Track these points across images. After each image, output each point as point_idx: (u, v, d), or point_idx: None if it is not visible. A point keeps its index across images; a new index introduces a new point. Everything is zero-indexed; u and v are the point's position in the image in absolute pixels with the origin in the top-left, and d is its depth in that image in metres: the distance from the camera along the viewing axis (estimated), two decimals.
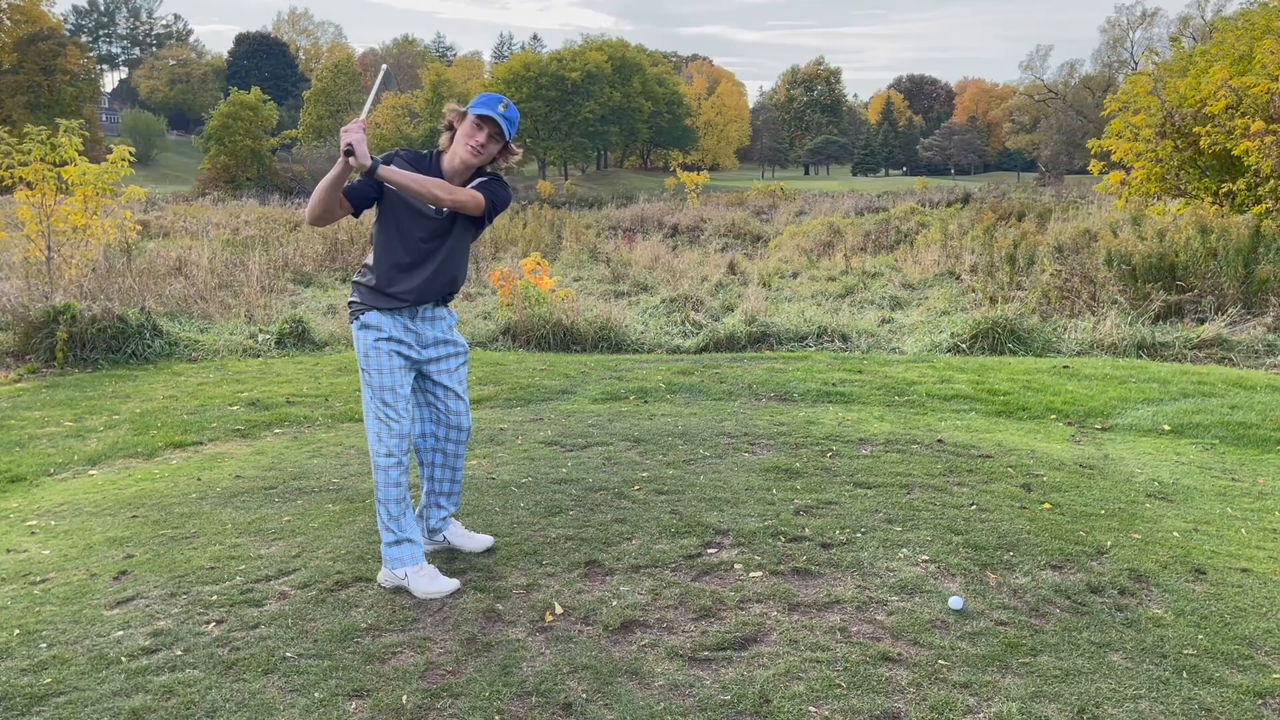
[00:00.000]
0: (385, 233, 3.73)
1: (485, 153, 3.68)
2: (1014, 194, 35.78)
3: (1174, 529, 4.50)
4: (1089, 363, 8.88)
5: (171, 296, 12.15)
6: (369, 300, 3.74)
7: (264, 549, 4.26)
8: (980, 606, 3.62)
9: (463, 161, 3.67)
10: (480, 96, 3.70)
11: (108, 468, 5.99)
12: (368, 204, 3.69)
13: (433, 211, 3.69)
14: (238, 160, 60.20)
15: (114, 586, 3.88)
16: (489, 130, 3.65)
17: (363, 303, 3.76)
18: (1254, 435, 6.36)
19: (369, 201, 3.68)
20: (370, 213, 3.81)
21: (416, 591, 3.71)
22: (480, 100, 3.67)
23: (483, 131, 3.64)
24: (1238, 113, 14.50)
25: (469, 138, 3.64)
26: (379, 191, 3.67)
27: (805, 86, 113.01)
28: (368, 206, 3.71)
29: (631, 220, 32.35)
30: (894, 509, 4.70)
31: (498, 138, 3.68)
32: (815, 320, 11.18)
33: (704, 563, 4.03)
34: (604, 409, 7.22)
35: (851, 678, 3.10)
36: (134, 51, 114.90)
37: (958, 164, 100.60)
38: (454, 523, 4.23)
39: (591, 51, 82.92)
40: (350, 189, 3.60)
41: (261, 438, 6.64)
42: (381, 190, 3.67)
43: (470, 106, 3.68)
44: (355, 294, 3.81)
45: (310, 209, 3.57)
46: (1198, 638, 3.40)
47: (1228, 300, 10.92)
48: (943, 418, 6.95)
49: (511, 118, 3.69)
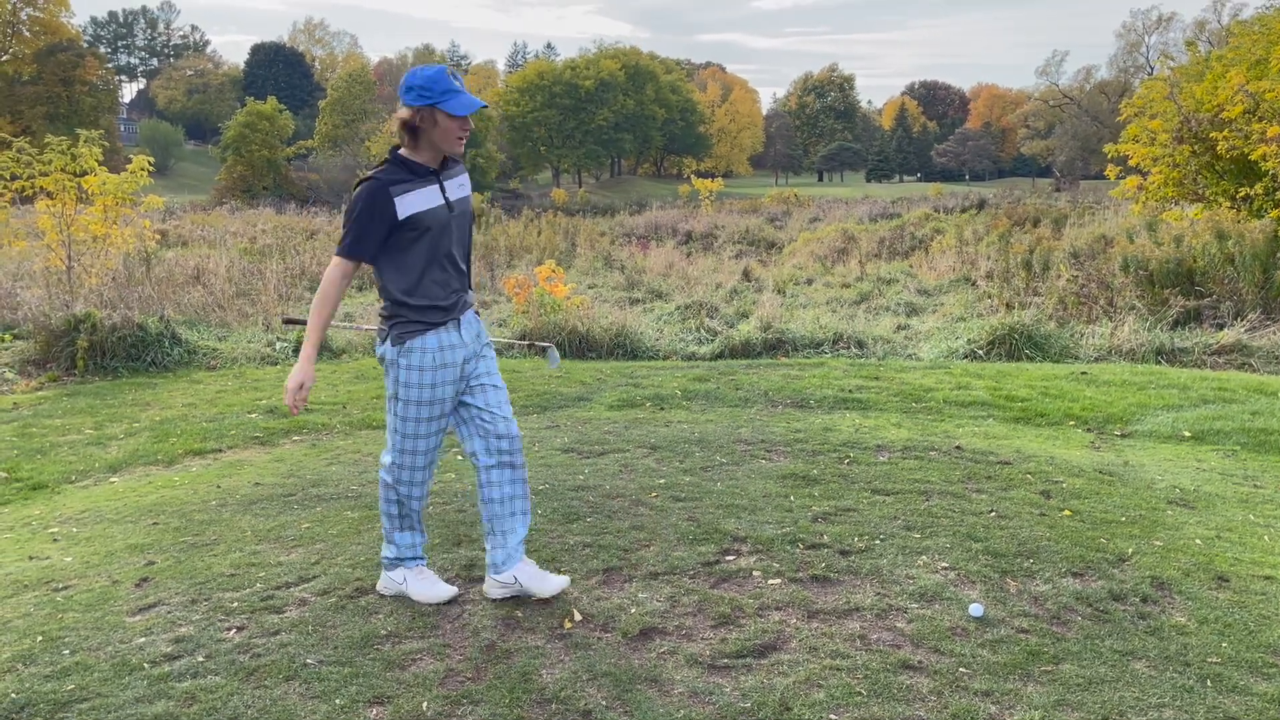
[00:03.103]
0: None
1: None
2: (1029, 199, 35.66)
3: (1196, 536, 4.47)
4: (1107, 368, 8.83)
5: (190, 305, 12.23)
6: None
7: (284, 556, 4.28)
8: (1001, 614, 3.60)
9: (452, 153, 3.48)
10: (439, 83, 3.36)
11: (128, 475, 6.04)
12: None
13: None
14: (254, 170, 60.61)
15: (136, 593, 3.91)
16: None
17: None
18: (1276, 441, 6.30)
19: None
20: None
21: (414, 596, 3.72)
22: (451, 91, 3.36)
23: (466, 120, 3.43)
24: (1255, 117, 14.41)
25: (455, 131, 3.40)
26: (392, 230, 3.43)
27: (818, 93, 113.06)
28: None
29: (645, 227, 32.41)
30: (912, 516, 4.68)
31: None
32: (831, 326, 11.16)
33: (722, 570, 4.03)
34: (620, 416, 7.22)
35: (872, 685, 3.09)
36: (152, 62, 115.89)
37: (972, 170, 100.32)
38: (526, 561, 3.77)
39: (605, 60, 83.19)
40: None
41: (280, 445, 6.68)
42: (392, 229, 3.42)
43: (445, 105, 3.34)
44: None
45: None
46: (1221, 646, 3.37)
47: (1246, 305, 10.85)
48: (960, 424, 6.92)
49: (411, 84, 3.37)
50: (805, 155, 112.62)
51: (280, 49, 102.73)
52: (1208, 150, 15.49)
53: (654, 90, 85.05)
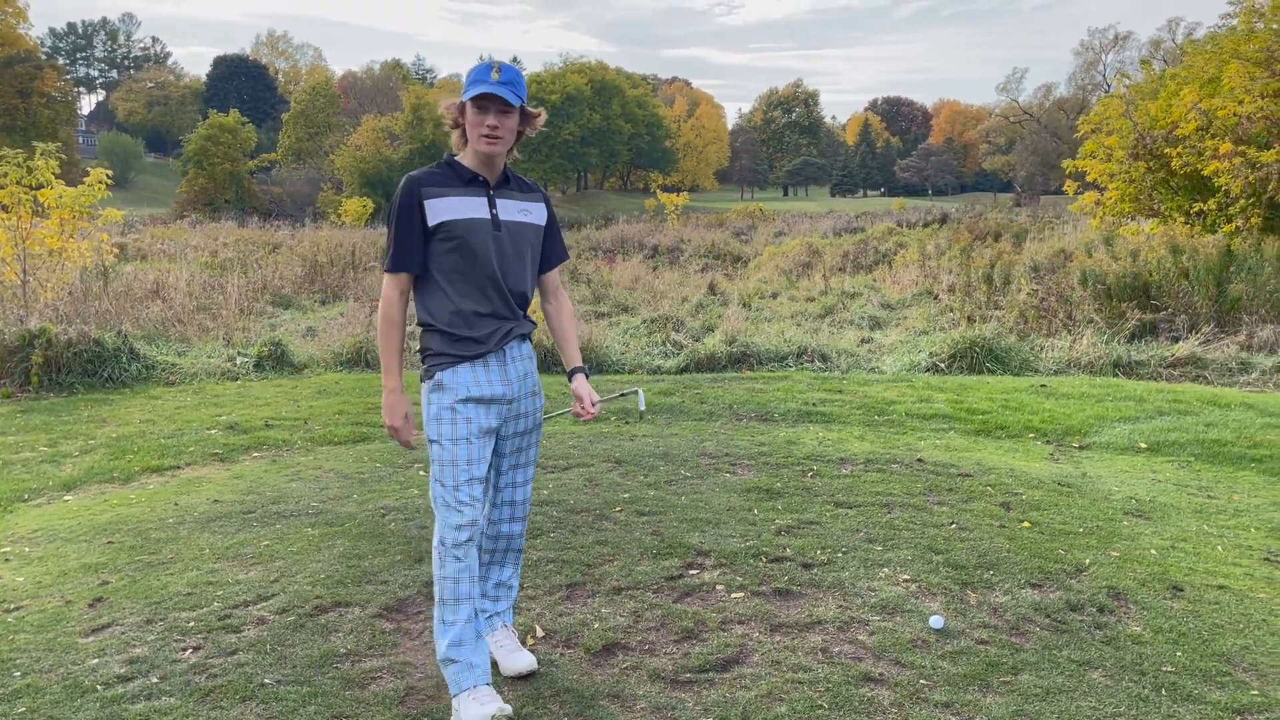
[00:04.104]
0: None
1: (504, 131, 3.03)
2: (990, 214, 36.13)
3: (1151, 546, 4.54)
4: (1066, 381, 8.96)
5: (149, 319, 12.06)
6: None
7: (242, 574, 4.22)
8: (961, 625, 3.63)
9: (485, 154, 3.06)
10: (471, 74, 3.07)
11: (83, 493, 5.93)
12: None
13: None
14: (216, 182, 60.06)
15: (89, 614, 3.84)
16: (495, 108, 3.02)
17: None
18: (1229, 452, 6.42)
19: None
20: None
21: (464, 714, 2.92)
22: (472, 80, 3.04)
23: (489, 113, 3.01)
24: (1207, 134, 14.74)
25: (477, 126, 3.02)
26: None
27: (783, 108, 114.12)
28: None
29: (612, 241, 32.44)
30: (875, 528, 4.71)
31: (509, 109, 3.04)
32: (795, 340, 11.22)
33: (686, 584, 4.03)
34: (585, 430, 7.21)
35: (833, 698, 3.10)
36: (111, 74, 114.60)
37: (935, 184, 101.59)
38: (504, 628, 3.39)
39: (571, 74, 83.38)
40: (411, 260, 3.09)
41: (240, 461, 6.59)
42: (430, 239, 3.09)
43: (465, 93, 3.06)
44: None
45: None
46: (1176, 655, 3.42)
47: (1201, 319, 11.05)
48: (922, 437, 6.98)
49: (511, 79, 3.04)
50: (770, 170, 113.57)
51: (243, 61, 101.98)
52: (1162, 166, 15.82)
53: (620, 105, 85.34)
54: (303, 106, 74.52)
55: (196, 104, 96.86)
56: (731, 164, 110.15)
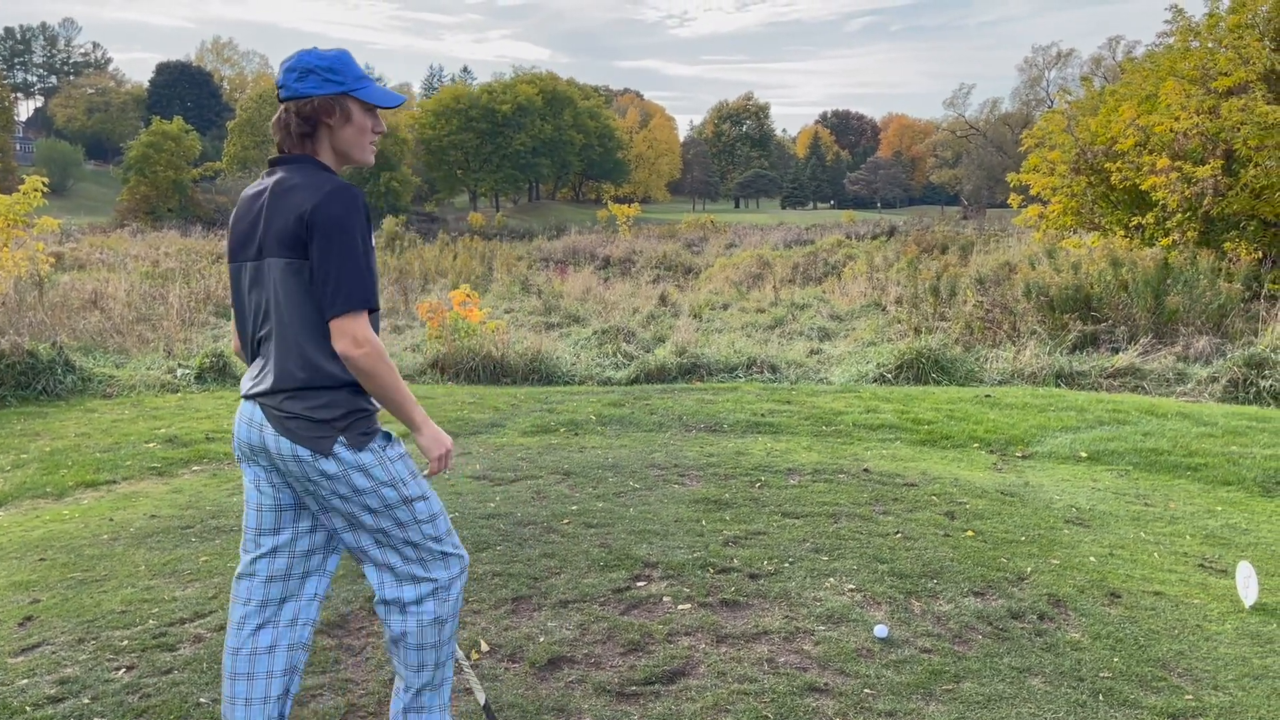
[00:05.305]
0: None
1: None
2: (937, 227, 36.70)
3: (1091, 554, 4.61)
4: (1010, 391, 9.10)
5: (86, 331, 11.79)
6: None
7: (179, 591, 4.12)
8: (905, 634, 3.65)
9: (363, 165, 2.68)
10: (352, 66, 2.56)
11: (14, 509, 5.76)
12: None
13: None
14: (158, 191, 58.82)
15: (19, 633, 3.72)
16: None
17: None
18: (1165, 461, 6.57)
19: None
20: None
21: None
22: (362, 77, 2.58)
23: (379, 121, 2.65)
24: (1145, 150, 15.13)
25: (367, 134, 2.61)
26: None
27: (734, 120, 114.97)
28: None
29: (563, 252, 32.42)
30: (821, 538, 4.73)
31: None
32: (745, 351, 11.28)
33: (633, 596, 4.01)
34: (534, 442, 7.17)
35: (779, 709, 3.10)
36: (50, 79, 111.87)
37: (883, 197, 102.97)
38: None
39: (522, 84, 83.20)
40: None
41: (179, 475, 6.45)
42: None
43: (364, 93, 2.56)
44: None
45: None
46: (1113, 660, 3.47)
47: (1140, 330, 11.31)
48: (869, 447, 7.04)
49: (313, 65, 2.52)
50: (722, 182, 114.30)
51: (187, 68, 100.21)
52: (1102, 181, 16.21)
53: (572, 115, 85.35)
54: (249, 114, 73.35)
55: (139, 111, 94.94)
56: (683, 176, 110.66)
